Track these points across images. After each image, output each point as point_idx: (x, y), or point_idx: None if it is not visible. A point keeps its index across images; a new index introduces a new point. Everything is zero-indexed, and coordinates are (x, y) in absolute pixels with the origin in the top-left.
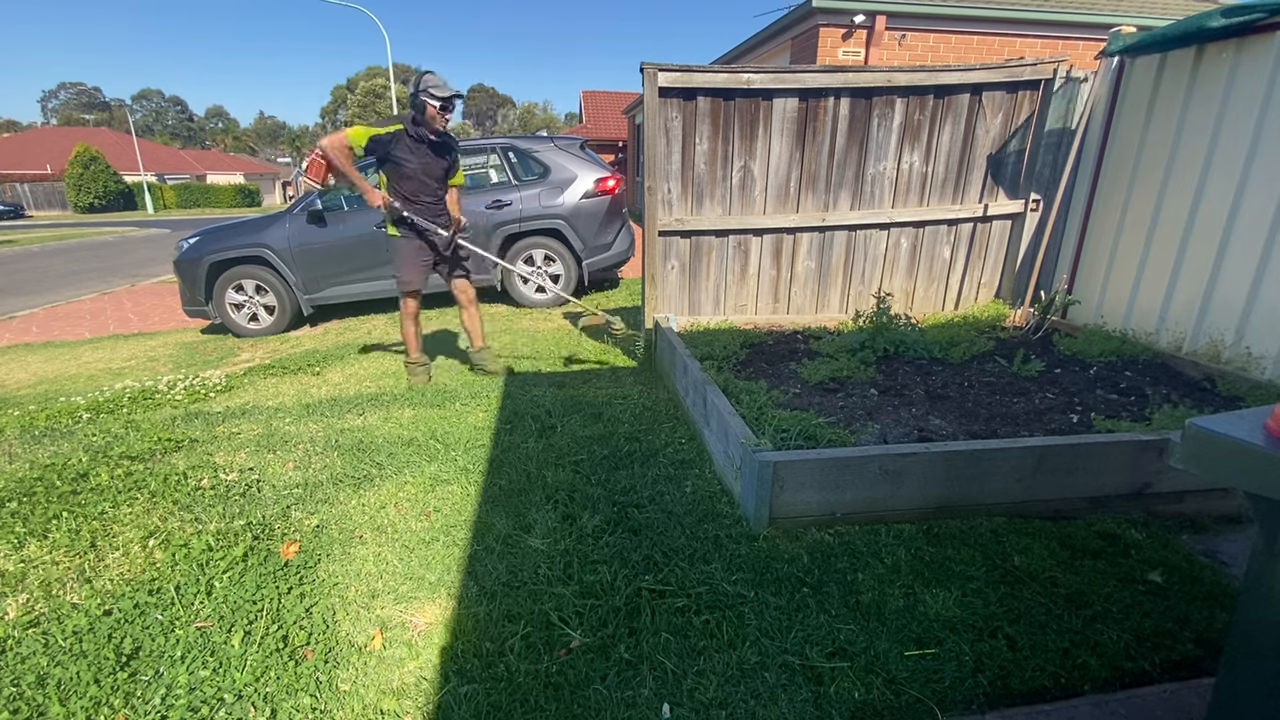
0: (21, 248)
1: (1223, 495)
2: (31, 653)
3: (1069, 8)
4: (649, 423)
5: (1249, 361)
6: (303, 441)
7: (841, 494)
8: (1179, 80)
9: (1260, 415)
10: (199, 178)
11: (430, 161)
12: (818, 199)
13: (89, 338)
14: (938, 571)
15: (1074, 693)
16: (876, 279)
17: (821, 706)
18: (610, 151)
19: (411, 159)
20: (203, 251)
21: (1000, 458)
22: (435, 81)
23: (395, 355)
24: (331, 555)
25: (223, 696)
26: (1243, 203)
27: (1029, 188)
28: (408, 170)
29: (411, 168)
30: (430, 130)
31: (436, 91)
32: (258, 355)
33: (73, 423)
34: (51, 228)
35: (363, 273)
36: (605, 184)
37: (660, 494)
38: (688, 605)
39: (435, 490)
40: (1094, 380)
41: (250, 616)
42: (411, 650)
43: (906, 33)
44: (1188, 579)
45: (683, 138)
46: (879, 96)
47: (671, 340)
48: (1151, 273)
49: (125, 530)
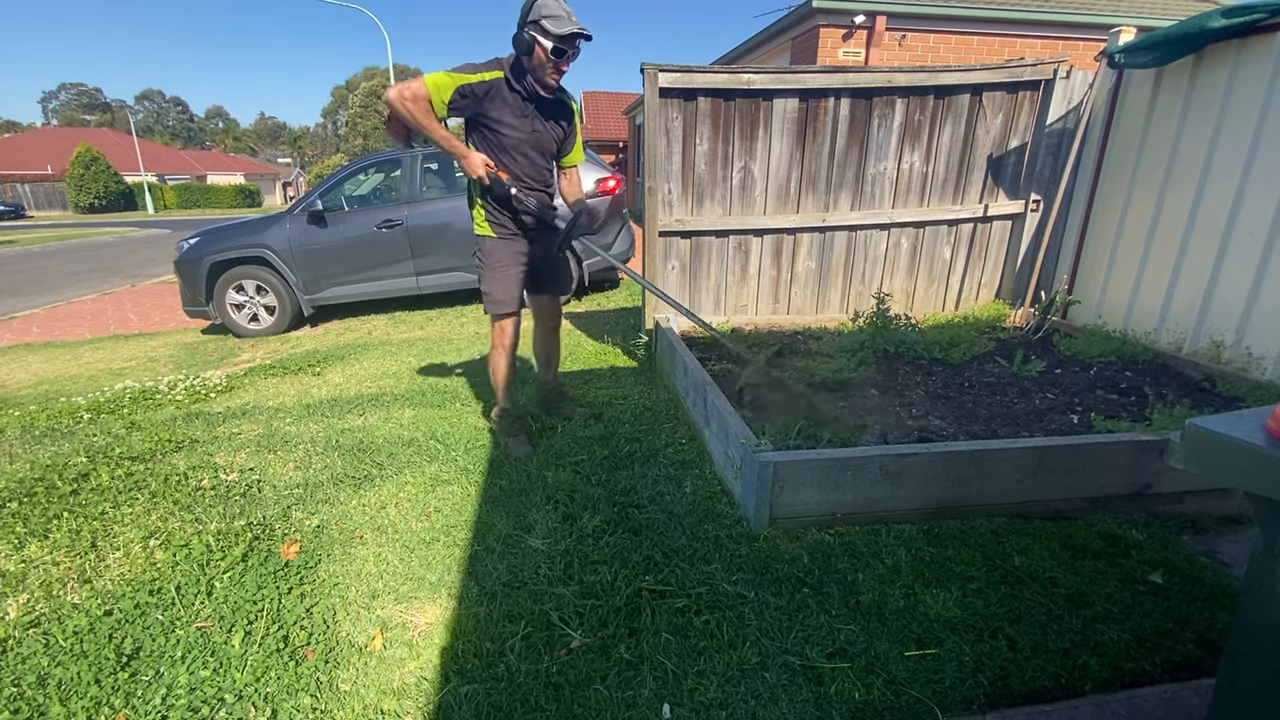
0: (22, 248)
1: (1223, 496)
2: (32, 653)
3: (1069, 8)
4: (649, 423)
5: (1249, 362)
6: (303, 442)
7: (842, 494)
8: (1179, 81)
9: (1260, 415)
10: (199, 178)
11: (540, 130)
12: (818, 199)
13: (90, 338)
14: (938, 572)
15: (1074, 693)
16: (877, 279)
17: (822, 707)
18: (610, 152)
19: (513, 124)
20: (203, 252)
21: (1000, 458)
22: (551, 9)
23: (395, 356)
24: (332, 555)
25: (223, 696)
26: (1243, 203)
27: (1029, 188)
28: (507, 140)
29: (512, 136)
30: (540, 84)
31: (551, 25)
32: (258, 355)
33: (73, 423)
34: (52, 228)
35: (363, 273)
36: (606, 184)
37: (660, 494)
38: (688, 605)
39: (436, 490)
40: (1094, 380)
41: (251, 617)
42: (412, 650)
43: (906, 33)
44: (1188, 579)
45: (683, 138)
46: (879, 97)
47: (672, 341)
48: (1152, 273)
49: (126, 530)
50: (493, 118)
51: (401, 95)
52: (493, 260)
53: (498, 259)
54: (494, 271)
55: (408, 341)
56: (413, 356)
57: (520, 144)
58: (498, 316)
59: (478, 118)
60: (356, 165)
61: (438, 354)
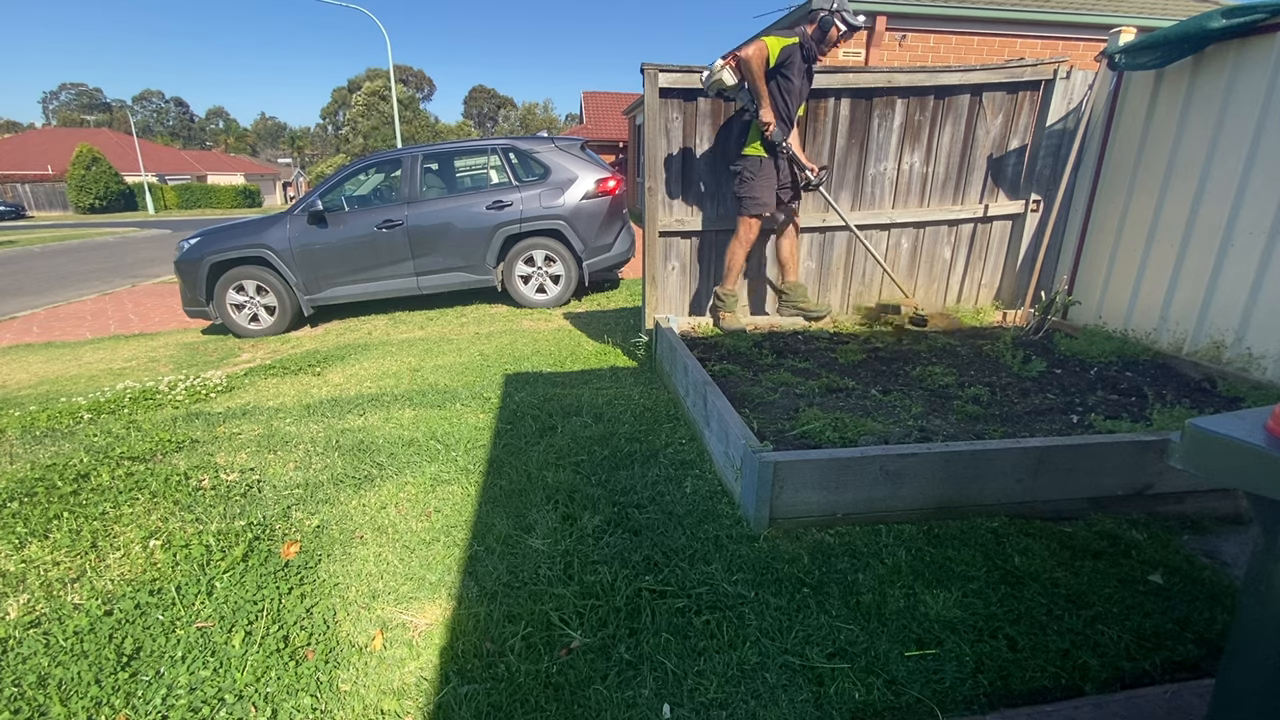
0: (23, 248)
1: (1223, 496)
2: (32, 653)
3: (1069, 8)
4: (649, 423)
5: (1249, 362)
6: (303, 442)
7: (842, 494)
8: (1179, 81)
9: (1260, 415)
10: (200, 178)
11: (805, 86)
12: (818, 199)
13: (90, 338)
14: (938, 572)
15: (1075, 693)
16: (877, 279)
17: (822, 707)
18: (611, 152)
19: (796, 78)
20: (203, 252)
21: (1001, 458)
22: (849, 6)
23: (395, 356)
24: (332, 555)
25: (223, 697)
26: (1243, 203)
27: (1029, 188)
28: (792, 87)
29: (795, 86)
30: (821, 53)
31: (849, 17)
32: (258, 356)
33: (74, 423)
34: (53, 228)
35: (363, 273)
36: (606, 185)
37: (660, 494)
38: (688, 606)
39: (436, 491)
40: (1094, 381)
41: (251, 617)
42: (412, 650)
43: (907, 33)
44: (1188, 580)
45: (683, 138)
46: (879, 97)
47: (672, 341)
48: (1152, 273)
49: (126, 530)
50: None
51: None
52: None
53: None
54: (760, 182)
55: (408, 342)
56: (413, 357)
57: (795, 91)
58: (752, 215)
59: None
60: (357, 165)
61: (438, 354)
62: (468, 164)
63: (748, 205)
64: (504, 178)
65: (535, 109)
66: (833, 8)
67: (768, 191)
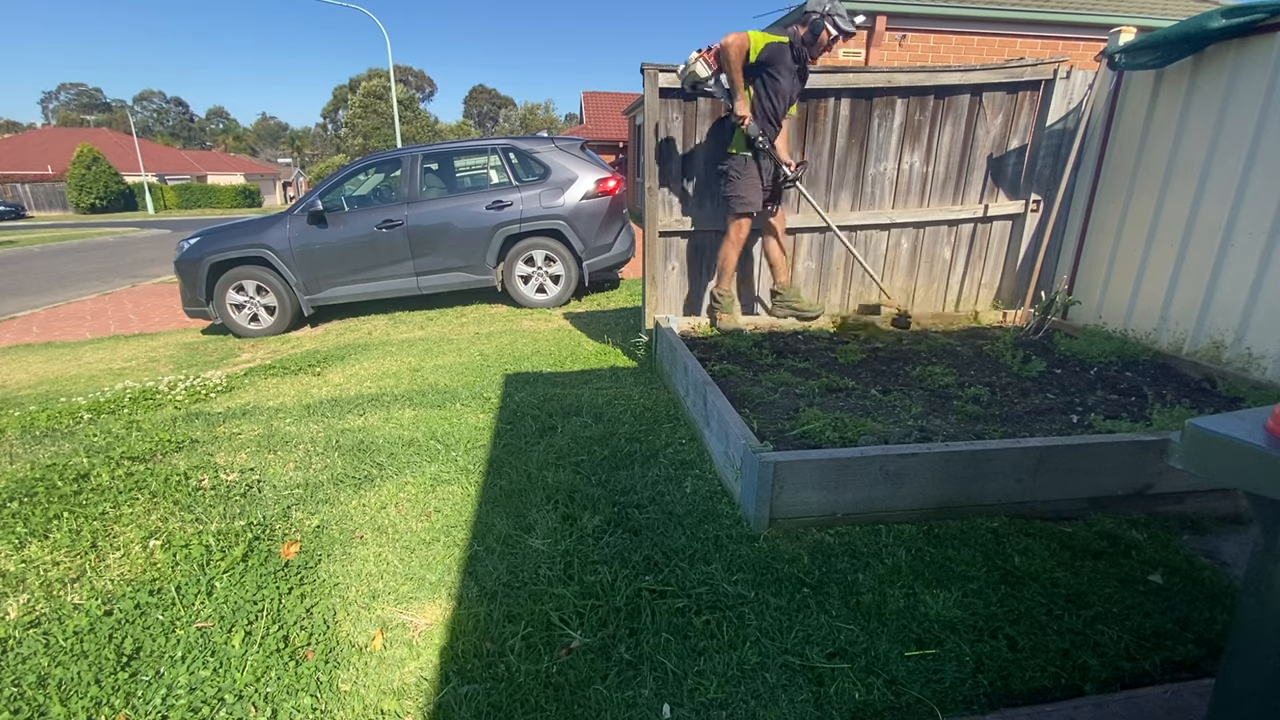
0: (22, 248)
1: (1223, 496)
2: (32, 653)
3: (1069, 8)
4: (649, 423)
5: (1249, 362)
6: (303, 442)
7: (842, 494)
8: (1179, 81)
9: (1260, 415)
10: (200, 178)
11: (794, 86)
12: (818, 199)
13: (90, 338)
14: (938, 572)
15: (1075, 693)
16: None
17: (822, 707)
18: (611, 152)
19: (784, 78)
20: (203, 252)
21: (1000, 458)
22: (843, 11)
23: (395, 356)
24: (332, 555)
25: (223, 697)
26: (1243, 203)
27: (1029, 188)
28: (779, 87)
29: (782, 86)
30: (812, 56)
31: (841, 22)
32: (258, 356)
33: (74, 423)
34: (52, 228)
35: (363, 273)
36: (606, 185)
37: (660, 494)
38: (688, 606)
39: (436, 491)
40: (1094, 381)
41: (251, 617)
42: (412, 650)
43: (907, 33)
44: (1188, 579)
45: (683, 138)
46: (879, 97)
47: (672, 341)
48: (1152, 273)
49: (126, 530)
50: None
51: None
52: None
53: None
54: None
55: (408, 342)
56: (413, 357)
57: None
58: (740, 214)
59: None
60: (357, 165)
61: (438, 354)
62: (468, 164)
63: (734, 205)
64: (504, 178)
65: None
66: (824, 10)
67: (753, 191)
